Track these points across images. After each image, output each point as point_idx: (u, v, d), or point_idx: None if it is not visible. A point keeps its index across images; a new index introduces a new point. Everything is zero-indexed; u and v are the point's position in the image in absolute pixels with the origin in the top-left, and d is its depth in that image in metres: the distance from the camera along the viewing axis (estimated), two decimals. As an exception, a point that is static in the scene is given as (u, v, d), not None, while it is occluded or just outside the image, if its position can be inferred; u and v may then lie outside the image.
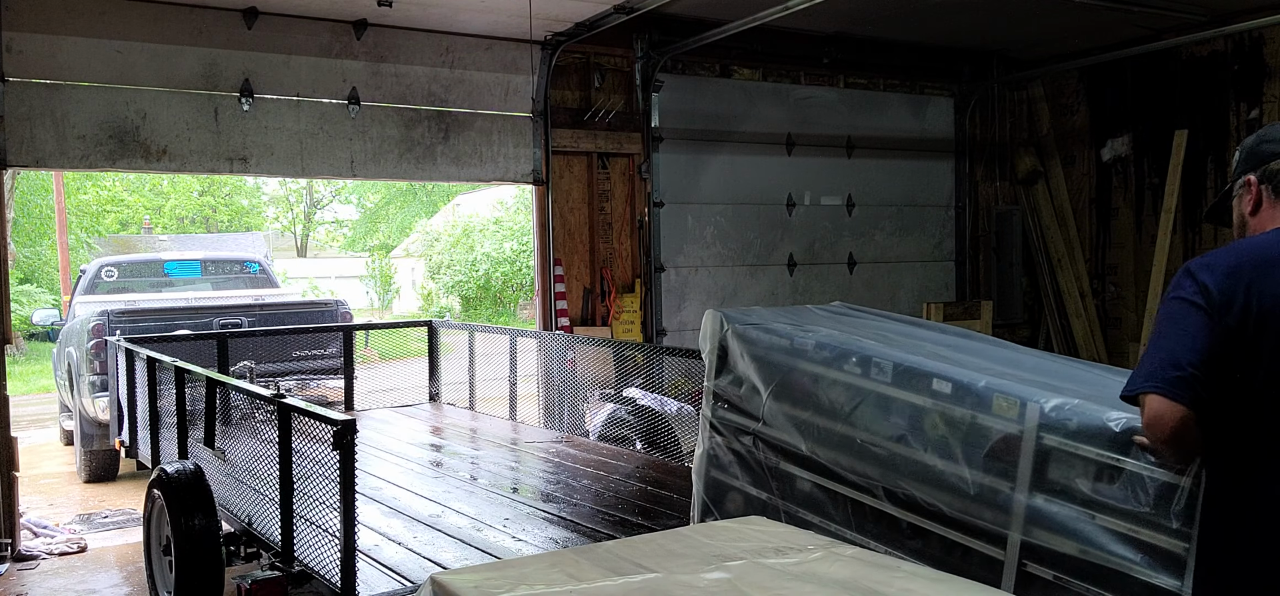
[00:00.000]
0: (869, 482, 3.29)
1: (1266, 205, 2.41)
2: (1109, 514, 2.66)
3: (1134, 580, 2.58)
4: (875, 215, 10.90)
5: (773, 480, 3.67)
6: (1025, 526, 2.83)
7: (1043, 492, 2.80)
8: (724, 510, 3.83)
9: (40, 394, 16.15)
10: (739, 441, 3.81)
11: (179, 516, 4.73)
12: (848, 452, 3.37)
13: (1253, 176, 2.44)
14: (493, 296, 26.89)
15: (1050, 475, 2.79)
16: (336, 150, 8.06)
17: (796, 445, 3.55)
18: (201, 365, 5.88)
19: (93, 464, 9.35)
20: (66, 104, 7.11)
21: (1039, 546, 2.80)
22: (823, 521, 3.46)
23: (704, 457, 3.93)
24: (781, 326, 3.74)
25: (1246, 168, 2.47)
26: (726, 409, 3.88)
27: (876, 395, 3.29)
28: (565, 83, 9.05)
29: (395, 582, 3.94)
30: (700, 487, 3.93)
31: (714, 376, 3.91)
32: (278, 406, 4.12)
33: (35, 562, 6.73)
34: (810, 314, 4.14)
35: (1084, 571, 2.69)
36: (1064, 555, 2.74)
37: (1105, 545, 2.65)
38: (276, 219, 37.54)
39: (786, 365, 3.61)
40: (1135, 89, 10.47)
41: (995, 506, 2.90)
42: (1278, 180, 2.40)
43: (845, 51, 10.36)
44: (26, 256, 23.78)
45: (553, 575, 2.33)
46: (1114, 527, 2.65)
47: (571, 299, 9.13)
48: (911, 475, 3.15)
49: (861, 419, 3.32)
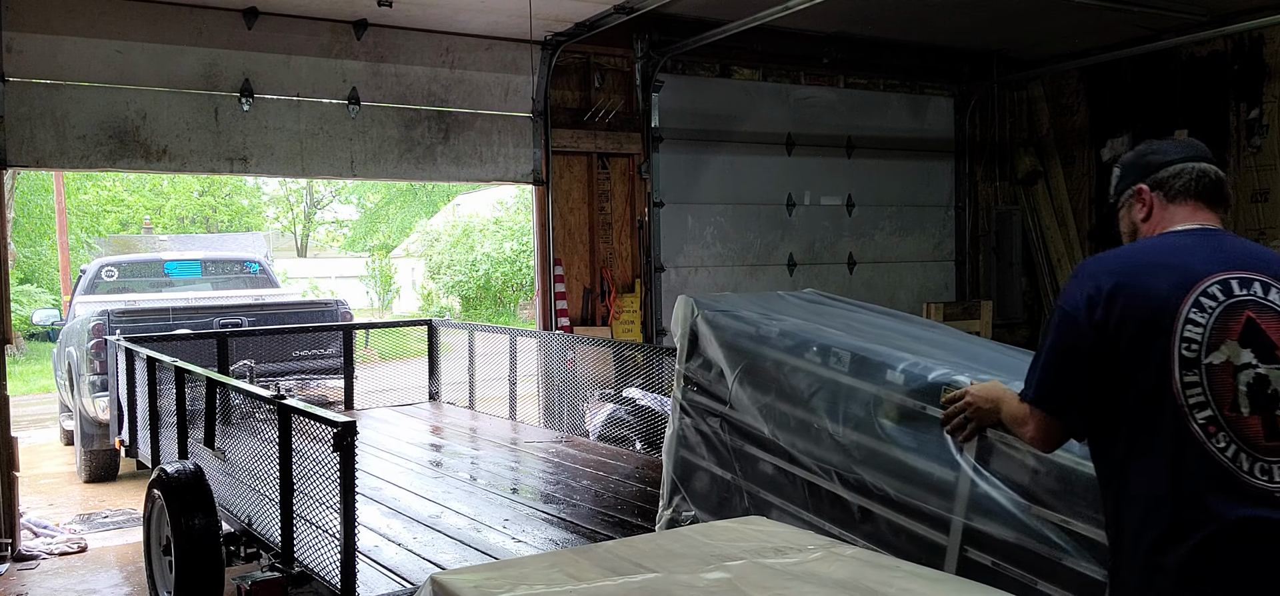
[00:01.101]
0: (824, 466, 3.41)
1: (1158, 210, 2.54)
2: (1042, 504, 2.78)
3: (1064, 568, 2.69)
4: (875, 215, 10.90)
5: (737, 461, 3.80)
6: (967, 512, 2.94)
7: (984, 481, 2.92)
8: (691, 489, 3.96)
9: (40, 394, 16.15)
10: (707, 423, 3.94)
11: (179, 516, 4.73)
12: (806, 437, 3.50)
13: (1143, 185, 2.57)
14: (493, 296, 26.89)
15: (992, 465, 2.91)
16: (336, 150, 8.06)
17: (759, 428, 3.68)
18: (201, 365, 5.89)
19: (93, 464, 9.35)
20: (67, 104, 7.11)
21: (980, 532, 2.91)
22: (783, 502, 3.59)
23: (674, 438, 4.06)
24: (749, 314, 3.87)
25: (1136, 178, 2.60)
26: (696, 391, 4.00)
27: (834, 383, 3.42)
28: (565, 83, 9.05)
29: (395, 584, 3.94)
30: (669, 467, 4.07)
31: (685, 360, 4.05)
32: (278, 407, 4.12)
33: (35, 562, 6.74)
34: (781, 301, 4.25)
35: (1020, 558, 2.80)
36: (1003, 541, 2.85)
37: (1039, 533, 2.77)
38: (276, 219, 37.53)
39: (752, 351, 3.75)
40: (1135, 89, 10.46)
41: (941, 493, 3.02)
42: (1168, 186, 2.53)
43: (845, 51, 10.36)
44: (26, 256, 23.78)
45: (553, 575, 2.33)
46: (1048, 517, 2.77)
47: (571, 299, 9.13)
48: (864, 460, 3.26)
49: (819, 405, 3.45)
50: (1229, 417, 2.21)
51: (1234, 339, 2.25)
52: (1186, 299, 2.28)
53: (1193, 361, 2.24)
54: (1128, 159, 2.66)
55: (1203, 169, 2.52)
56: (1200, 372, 2.24)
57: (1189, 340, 2.25)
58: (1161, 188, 2.53)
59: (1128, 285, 2.32)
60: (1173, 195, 2.52)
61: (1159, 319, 2.27)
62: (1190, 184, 2.51)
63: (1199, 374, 2.23)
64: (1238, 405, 2.22)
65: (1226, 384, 2.23)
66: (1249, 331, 2.26)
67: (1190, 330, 2.25)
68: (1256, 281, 2.31)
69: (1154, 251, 2.42)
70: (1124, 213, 2.63)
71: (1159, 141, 2.66)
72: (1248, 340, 2.25)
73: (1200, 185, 2.51)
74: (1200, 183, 2.51)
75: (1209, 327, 2.25)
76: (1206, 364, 2.24)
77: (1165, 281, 2.31)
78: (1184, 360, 2.24)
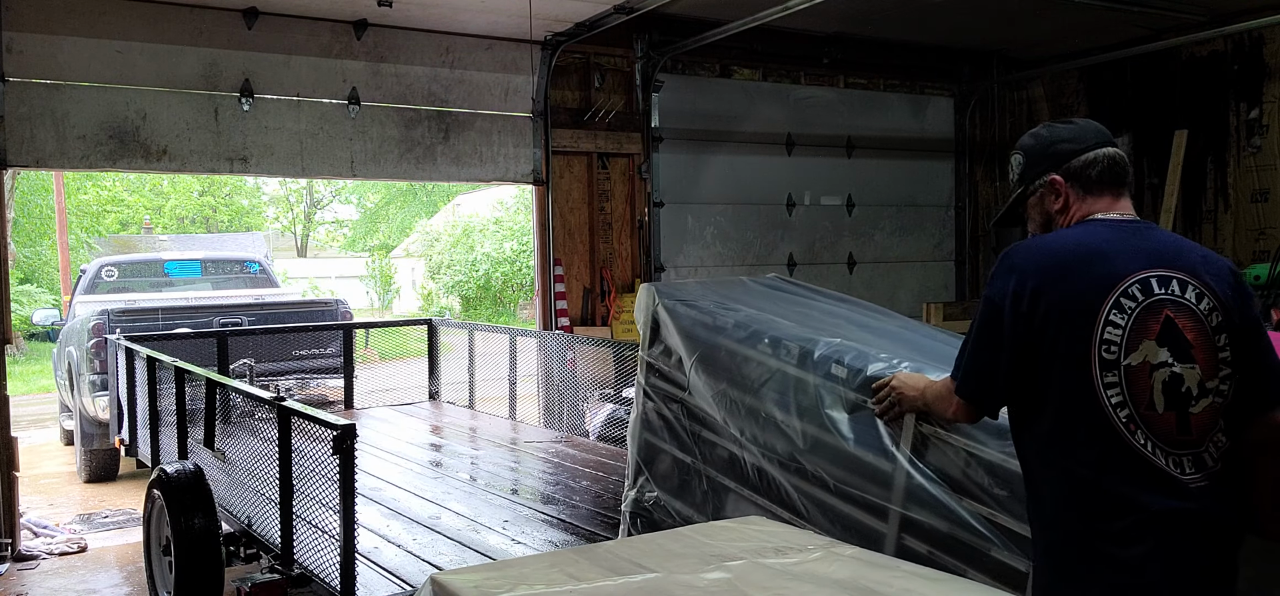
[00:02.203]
0: (771, 454, 3.54)
1: (1075, 202, 2.54)
2: (972, 497, 2.90)
3: (991, 559, 2.81)
4: (875, 215, 10.90)
5: (696, 445, 3.94)
6: (905, 502, 3.07)
7: (919, 473, 3.04)
8: (655, 471, 4.11)
9: (40, 394, 16.15)
10: (668, 408, 4.07)
11: (179, 517, 4.73)
12: (756, 424, 3.62)
13: (1057, 176, 2.55)
14: (493, 296, 26.89)
15: (927, 458, 3.04)
16: (336, 150, 8.06)
17: (714, 414, 3.81)
18: (201, 364, 5.88)
19: (93, 463, 9.35)
20: (66, 104, 7.11)
21: (916, 521, 3.03)
22: (737, 486, 3.74)
23: (638, 421, 4.20)
24: (706, 303, 4.01)
25: (1048, 167, 2.57)
26: (658, 377, 4.13)
27: (782, 374, 3.54)
28: (565, 83, 9.05)
29: (394, 585, 3.94)
30: (634, 449, 4.20)
31: (647, 347, 4.18)
32: (278, 410, 4.11)
33: (35, 562, 6.74)
34: (742, 287, 4.38)
35: (952, 547, 2.92)
36: (936, 531, 2.97)
37: (968, 523, 2.89)
38: (276, 219, 37.54)
39: (708, 340, 3.88)
40: (1135, 89, 10.46)
41: (879, 482, 3.15)
42: (1082, 176, 2.52)
43: (845, 51, 10.36)
44: (26, 256, 23.78)
45: (553, 575, 2.33)
46: (977, 509, 2.89)
47: (571, 299, 9.13)
48: (811, 449, 3.39)
49: (768, 394, 3.56)
50: (1145, 415, 2.29)
51: (1152, 338, 2.31)
52: (1106, 301, 2.33)
53: (1113, 363, 2.31)
54: (1030, 145, 2.64)
55: (1114, 154, 2.54)
56: (1119, 373, 2.30)
57: (1109, 343, 2.31)
58: (1076, 178, 2.53)
59: (1051, 287, 2.36)
60: (1089, 186, 2.52)
61: (1080, 323, 2.33)
62: (1105, 172, 2.52)
63: (1118, 374, 2.30)
64: (1153, 403, 2.29)
65: (1143, 383, 2.30)
66: (1167, 330, 2.32)
67: (1110, 332, 2.32)
68: (1175, 280, 2.36)
69: (1078, 247, 2.43)
70: (1034, 202, 2.62)
71: (1060, 125, 2.65)
72: (1165, 339, 2.31)
73: (1114, 172, 2.53)
74: (1113, 170, 2.53)
75: (1127, 330, 2.32)
76: (1125, 365, 2.30)
77: (1086, 282, 2.36)
78: (1104, 361, 2.31)
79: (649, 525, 4.12)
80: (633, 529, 4.23)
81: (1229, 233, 9.69)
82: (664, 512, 4.08)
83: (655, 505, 4.10)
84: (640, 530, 4.17)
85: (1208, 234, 9.80)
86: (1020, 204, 2.66)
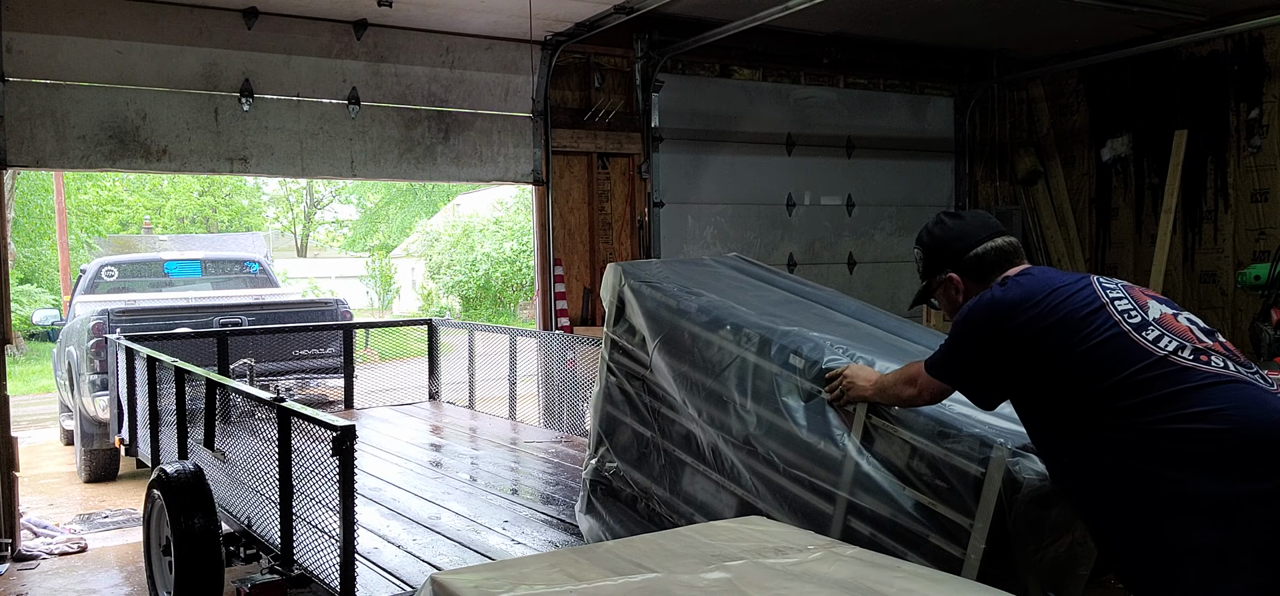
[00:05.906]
0: (728, 435, 3.67)
1: (973, 289, 2.86)
2: (913, 486, 3.07)
3: (929, 544, 3.00)
4: (875, 215, 10.90)
5: (655, 420, 4.09)
6: (852, 488, 3.21)
7: (866, 460, 3.20)
8: (615, 442, 4.28)
9: (40, 394, 16.15)
10: (630, 384, 4.22)
11: (179, 517, 4.73)
12: (714, 405, 3.74)
13: (954, 275, 2.90)
14: (493, 296, 26.90)
15: (875, 447, 3.19)
16: (336, 150, 8.06)
17: (673, 393, 3.94)
18: (201, 364, 5.88)
19: (93, 463, 9.35)
20: (66, 104, 7.11)
21: (862, 507, 3.19)
22: (694, 461, 3.89)
23: (600, 395, 4.36)
24: (671, 286, 4.14)
25: (945, 264, 2.92)
26: (621, 354, 4.28)
27: (742, 360, 3.67)
28: (565, 83, 9.05)
29: (394, 586, 3.94)
30: (595, 421, 4.37)
31: (612, 324, 4.33)
32: (277, 410, 4.11)
33: (35, 562, 6.73)
34: (707, 269, 4.52)
35: (894, 532, 3.09)
36: (880, 516, 3.13)
37: (909, 512, 3.06)
38: (276, 219, 37.55)
39: (672, 322, 4.01)
40: (1135, 89, 10.46)
41: (829, 468, 3.30)
42: (974, 271, 2.87)
43: (845, 51, 10.36)
44: (26, 256, 23.78)
45: (553, 575, 2.33)
46: (918, 498, 3.05)
47: (571, 299, 9.13)
48: (765, 433, 3.53)
49: (729, 378, 3.70)
50: (1201, 345, 2.50)
51: (1152, 300, 2.61)
52: (1097, 293, 2.59)
53: (1142, 324, 2.53)
54: (927, 242, 2.99)
55: (1002, 245, 2.86)
56: (1153, 329, 2.52)
57: (1126, 313, 2.55)
58: (970, 272, 2.87)
59: (1043, 304, 2.60)
60: (985, 273, 2.84)
61: (1089, 314, 2.55)
62: (996, 260, 2.84)
63: (1156, 330, 2.52)
64: (1198, 336, 2.53)
65: (1179, 327, 2.54)
66: (1155, 299, 2.62)
67: (1121, 304, 2.57)
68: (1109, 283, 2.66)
69: (1029, 285, 2.67)
70: (939, 292, 2.96)
71: (949, 219, 2.97)
72: (1160, 303, 2.62)
73: (1004, 257, 2.85)
74: (1003, 256, 2.85)
75: (1133, 302, 2.59)
76: (1152, 319, 2.54)
77: (1071, 291, 2.61)
78: (1134, 325, 2.53)
79: (608, 493, 4.31)
80: (592, 496, 4.40)
81: (1229, 233, 9.69)
82: (623, 482, 4.24)
83: (615, 475, 4.27)
84: (599, 497, 4.38)
85: (1208, 234, 9.80)
86: (929, 293, 3.01)
